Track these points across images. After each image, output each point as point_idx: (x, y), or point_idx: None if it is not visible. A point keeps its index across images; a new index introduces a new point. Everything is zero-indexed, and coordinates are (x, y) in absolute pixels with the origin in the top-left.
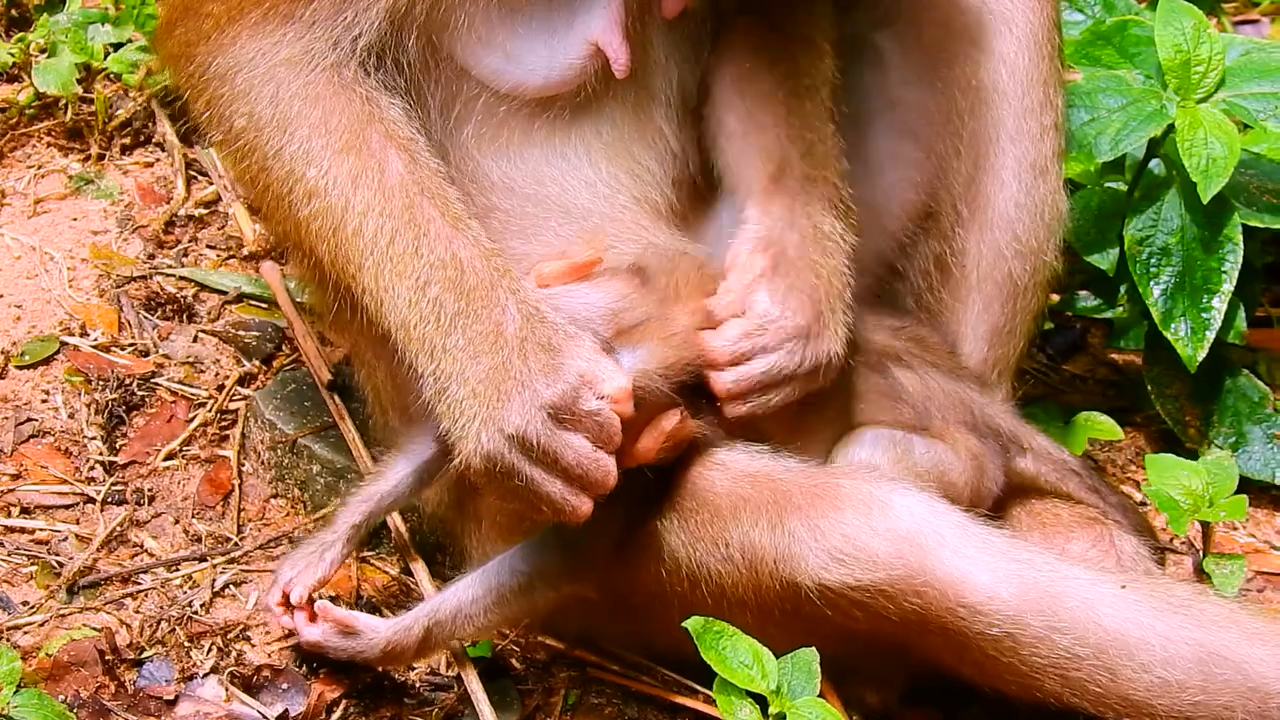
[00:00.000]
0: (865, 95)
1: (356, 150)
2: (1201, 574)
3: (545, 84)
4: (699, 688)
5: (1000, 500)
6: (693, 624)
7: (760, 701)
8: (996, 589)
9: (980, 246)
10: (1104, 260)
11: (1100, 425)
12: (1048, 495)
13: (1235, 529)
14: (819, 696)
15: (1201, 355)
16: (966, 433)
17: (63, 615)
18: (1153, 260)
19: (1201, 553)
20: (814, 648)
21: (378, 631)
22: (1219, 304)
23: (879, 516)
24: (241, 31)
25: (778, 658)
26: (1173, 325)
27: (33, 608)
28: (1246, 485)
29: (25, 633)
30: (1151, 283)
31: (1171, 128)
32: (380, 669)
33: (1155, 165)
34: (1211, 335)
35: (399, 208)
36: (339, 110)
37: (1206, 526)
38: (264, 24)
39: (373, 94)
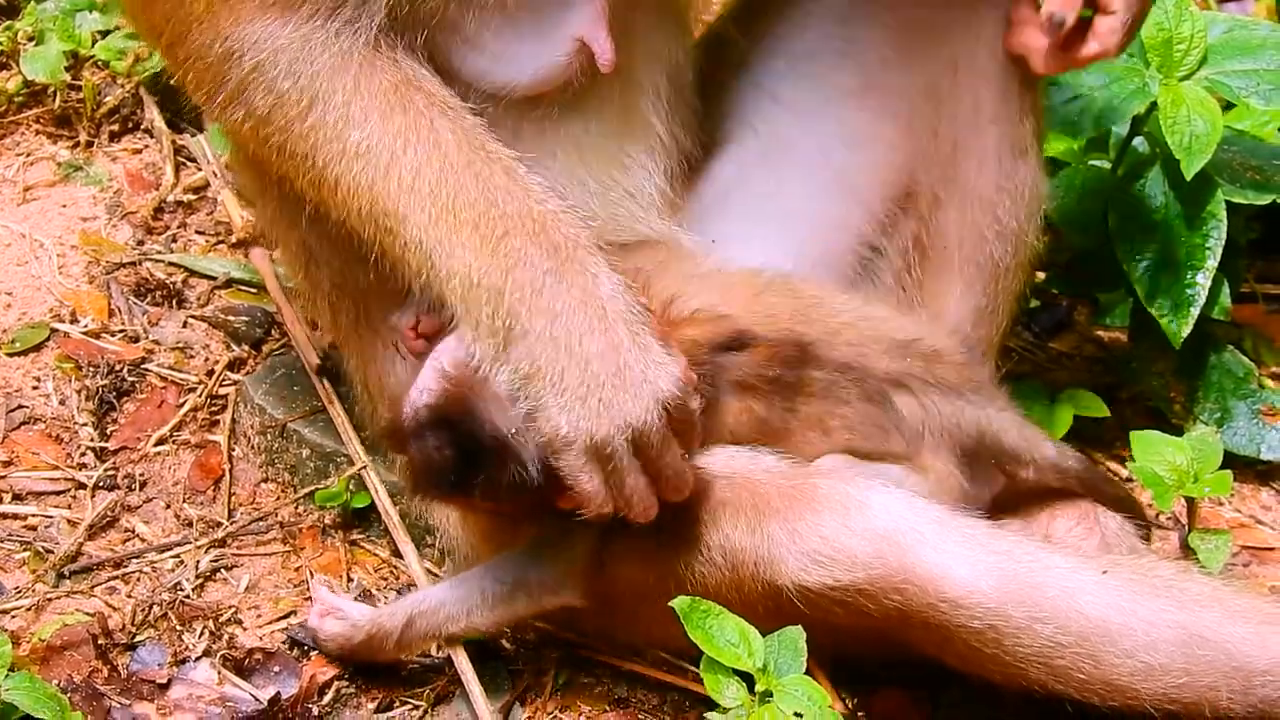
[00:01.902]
0: (845, 76)
1: (402, 110)
2: (1187, 549)
3: (533, 82)
4: (688, 666)
5: None
6: (679, 604)
7: (747, 679)
8: (977, 582)
9: (961, 228)
10: (1088, 238)
11: (1086, 402)
12: None
13: (1221, 504)
14: (805, 674)
15: (1186, 332)
16: (946, 456)
17: (54, 600)
18: (1136, 237)
19: (1187, 528)
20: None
21: (363, 617)
22: (1203, 280)
23: (856, 516)
24: (243, 12)
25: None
26: (1157, 302)
27: (23, 593)
28: (1231, 460)
29: (14, 617)
30: (1136, 260)
31: (1154, 105)
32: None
33: (1138, 143)
34: (1196, 312)
35: (460, 164)
36: (376, 74)
37: (1191, 502)
38: (263, 13)
39: (403, 59)
